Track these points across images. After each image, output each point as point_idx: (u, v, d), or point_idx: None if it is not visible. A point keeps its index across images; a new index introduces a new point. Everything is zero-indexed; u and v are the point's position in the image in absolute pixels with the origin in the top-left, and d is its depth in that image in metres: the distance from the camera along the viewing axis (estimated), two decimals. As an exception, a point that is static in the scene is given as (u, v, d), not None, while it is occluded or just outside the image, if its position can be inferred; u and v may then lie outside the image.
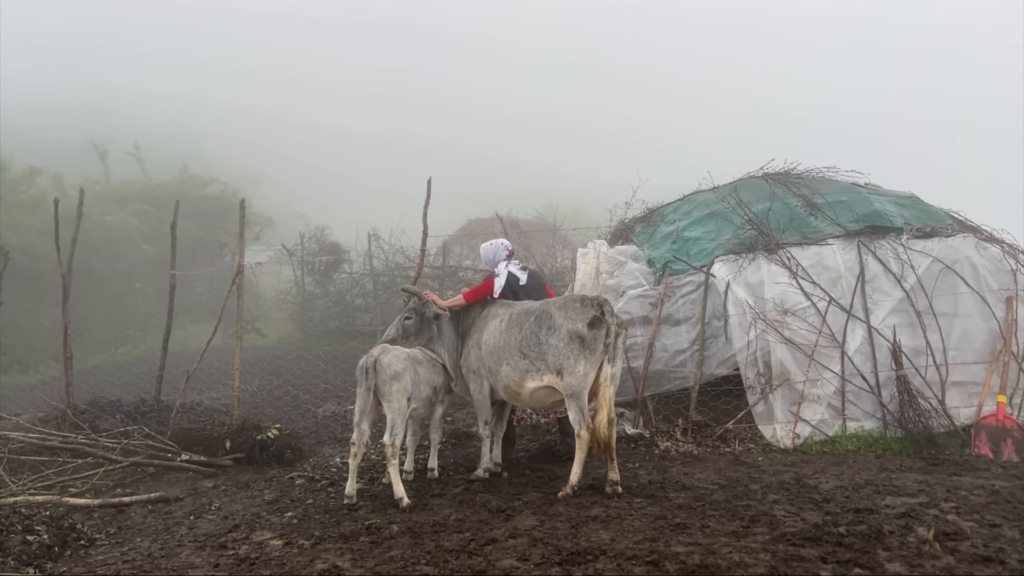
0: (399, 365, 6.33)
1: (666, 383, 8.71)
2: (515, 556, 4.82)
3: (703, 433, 8.10)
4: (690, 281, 8.83)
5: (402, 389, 6.30)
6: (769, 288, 8.34)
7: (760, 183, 10.05)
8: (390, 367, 6.27)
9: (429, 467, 7.05)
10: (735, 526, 5.25)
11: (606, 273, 9.45)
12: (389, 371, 6.25)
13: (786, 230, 8.89)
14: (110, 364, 17.04)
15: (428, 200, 9.90)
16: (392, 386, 6.26)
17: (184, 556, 5.28)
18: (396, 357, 6.40)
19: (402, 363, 6.37)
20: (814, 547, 4.75)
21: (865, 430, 7.93)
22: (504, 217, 18.76)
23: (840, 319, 8.24)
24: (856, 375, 8.10)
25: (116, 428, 8.44)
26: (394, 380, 6.26)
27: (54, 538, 5.67)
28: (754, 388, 8.15)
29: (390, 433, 6.22)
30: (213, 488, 7.34)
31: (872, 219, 8.80)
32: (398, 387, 6.28)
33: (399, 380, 6.29)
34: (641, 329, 8.85)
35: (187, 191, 24.27)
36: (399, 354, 6.47)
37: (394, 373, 6.26)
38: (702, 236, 9.26)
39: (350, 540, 5.36)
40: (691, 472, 6.96)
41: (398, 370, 6.29)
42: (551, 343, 6.25)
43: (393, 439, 6.19)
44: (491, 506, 5.97)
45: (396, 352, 6.48)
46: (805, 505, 5.75)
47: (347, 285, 18.30)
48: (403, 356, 6.49)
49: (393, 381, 6.26)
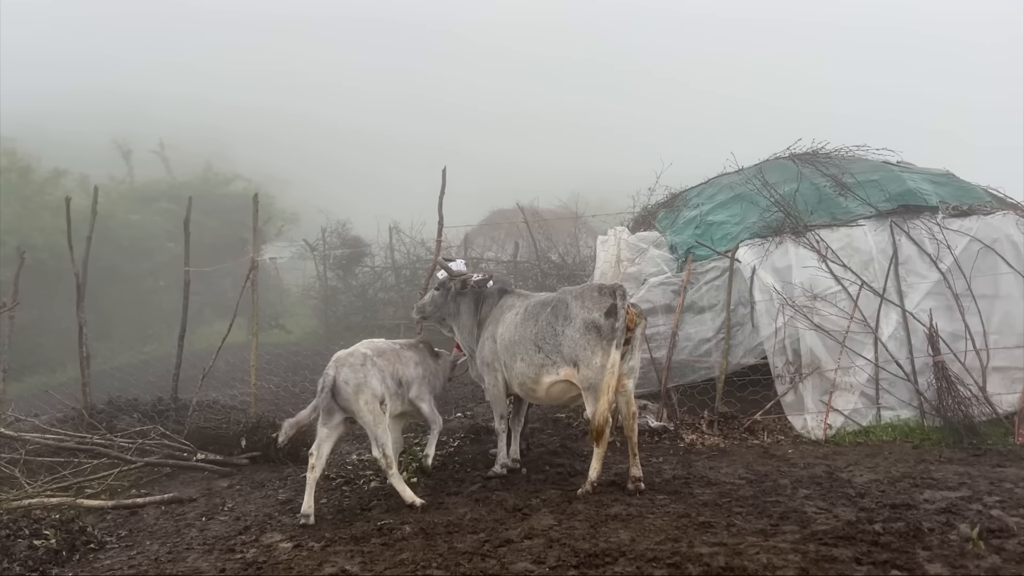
0: (357, 375, 5.82)
1: (690, 374, 8.44)
2: (530, 558, 4.63)
3: (730, 425, 7.82)
4: (714, 267, 8.53)
5: (370, 398, 5.82)
6: (797, 272, 8.02)
7: (787, 164, 9.68)
8: (348, 382, 5.78)
9: (425, 453, 6.53)
10: (763, 524, 5.00)
11: (627, 261, 9.17)
12: (349, 387, 5.78)
13: (814, 212, 8.54)
14: (135, 363, 17.20)
15: (443, 190, 9.71)
16: (359, 400, 5.78)
17: (191, 560, 5.16)
18: (351, 367, 5.86)
19: (359, 371, 5.85)
20: (848, 547, 4.49)
21: (901, 419, 7.63)
22: (526, 208, 18.55)
23: (873, 303, 7.91)
24: (891, 362, 7.77)
25: (133, 428, 8.39)
26: (358, 393, 5.79)
27: (63, 542, 5.59)
28: (783, 377, 7.86)
29: (376, 446, 5.81)
30: (228, 488, 7.24)
31: (905, 198, 8.43)
32: (365, 398, 5.81)
33: (362, 391, 5.80)
34: (664, 318, 8.57)
35: (211, 189, 24.39)
36: (353, 362, 5.91)
37: (355, 386, 5.78)
38: (727, 220, 8.94)
39: (361, 542, 5.22)
40: (717, 466, 6.70)
41: (359, 381, 5.80)
42: (567, 334, 6.01)
43: (383, 450, 5.79)
44: (508, 504, 5.78)
45: (350, 361, 5.92)
46: (838, 501, 5.47)
47: (369, 279, 18.24)
48: (358, 362, 5.91)
49: (357, 395, 5.78)
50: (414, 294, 15.96)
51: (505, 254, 18.45)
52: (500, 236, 20.47)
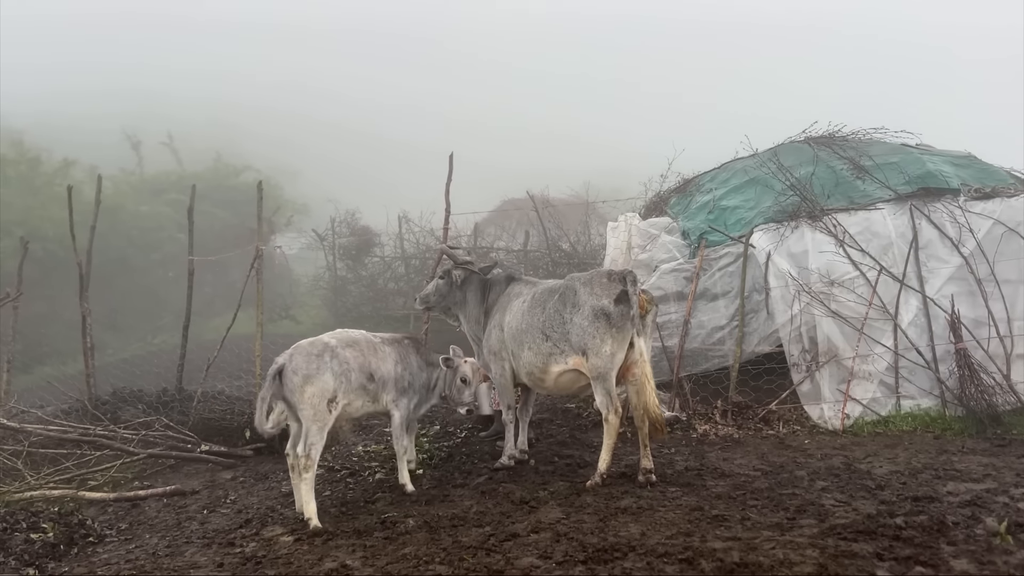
0: (310, 366, 5.31)
1: (703, 362, 8.25)
2: (536, 553, 4.46)
3: (744, 415, 7.62)
4: (728, 252, 8.31)
5: (317, 392, 5.31)
6: (814, 258, 7.81)
7: (802, 147, 9.43)
8: (297, 372, 5.28)
9: (400, 482, 5.98)
10: (779, 518, 4.81)
11: (638, 247, 8.95)
12: (297, 377, 5.27)
13: (831, 195, 8.30)
14: (145, 353, 17.16)
15: (450, 176, 9.51)
16: (303, 392, 5.27)
17: (189, 555, 5.03)
18: (306, 356, 5.36)
19: (313, 362, 5.33)
20: (868, 541, 4.29)
21: (921, 409, 7.43)
22: (537, 196, 18.30)
23: (892, 289, 7.70)
24: (910, 349, 7.56)
25: (137, 419, 8.28)
26: (305, 384, 5.28)
27: (61, 536, 5.50)
28: (799, 366, 7.66)
29: (304, 443, 5.28)
30: (231, 480, 7.13)
31: (926, 180, 8.18)
32: (311, 391, 5.29)
33: (310, 384, 5.29)
34: (676, 305, 8.36)
35: (221, 180, 24.35)
36: (310, 351, 5.41)
37: (304, 377, 5.27)
38: (740, 204, 8.70)
39: (363, 536, 5.08)
40: (731, 457, 6.51)
41: (308, 372, 5.29)
42: (575, 321, 5.83)
43: (309, 450, 5.27)
44: (514, 497, 5.62)
45: (307, 349, 5.43)
46: (857, 493, 5.28)
47: (379, 269, 18.08)
48: (315, 351, 5.40)
49: (304, 386, 5.27)
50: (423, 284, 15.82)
51: (516, 243, 18.25)
52: (511, 225, 20.24)
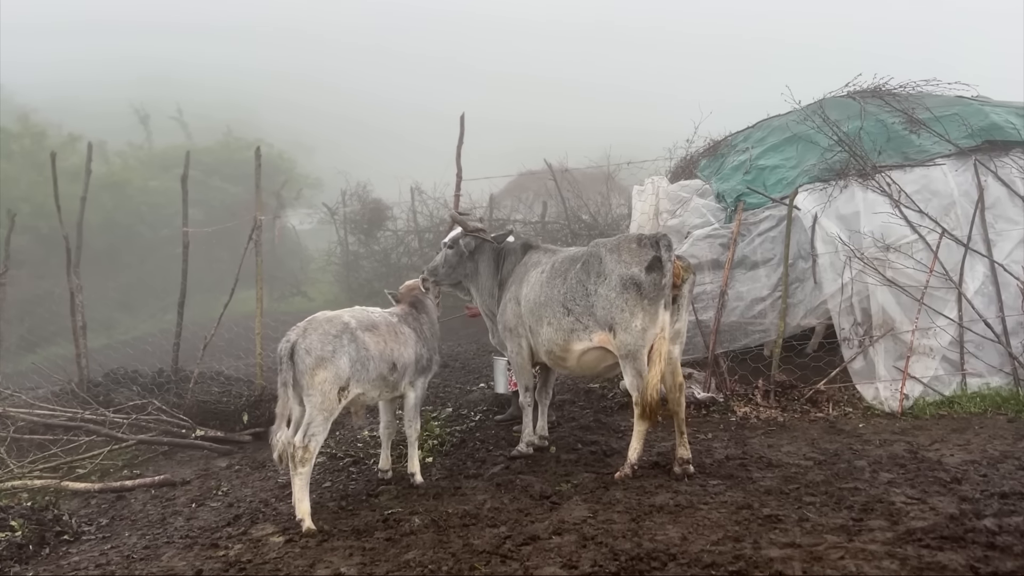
0: (325, 347, 4.79)
1: (742, 338, 7.51)
2: (559, 561, 3.85)
3: (788, 396, 6.92)
4: (769, 216, 7.52)
5: (330, 378, 4.76)
6: (866, 220, 7.04)
7: (846, 101, 8.57)
8: (310, 351, 4.75)
9: (409, 472, 5.54)
10: (843, 519, 4.13)
11: (667, 212, 8.21)
12: (310, 357, 4.75)
13: (883, 151, 7.49)
14: (157, 332, 16.70)
15: (461, 139, 8.83)
16: (315, 376, 4.73)
17: (166, 559, 4.46)
18: (322, 335, 4.81)
19: (330, 343, 4.80)
20: (957, 550, 3.61)
21: (991, 388, 6.72)
22: (555, 166, 17.57)
23: (955, 254, 6.97)
24: (977, 321, 6.83)
25: (130, 402, 7.75)
26: (317, 368, 4.73)
27: (31, 534, 4.97)
28: (851, 340, 6.94)
29: (304, 432, 4.72)
30: (226, 468, 6.58)
31: (991, 133, 7.38)
32: (323, 376, 4.74)
33: (323, 368, 4.74)
34: (711, 275, 7.62)
35: (231, 154, 23.82)
36: (328, 329, 4.86)
37: (317, 359, 4.75)
38: (781, 164, 7.91)
39: (363, 536, 4.52)
40: (777, 444, 5.82)
41: (323, 355, 4.76)
42: (601, 293, 5.14)
43: (308, 441, 4.71)
44: (533, 491, 5.00)
45: (324, 327, 4.87)
46: (931, 488, 4.58)
47: (392, 244, 17.48)
48: (332, 331, 4.85)
49: (316, 370, 4.73)
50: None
51: (533, 215, 17.53)
52: (528, 198, 19.52)
